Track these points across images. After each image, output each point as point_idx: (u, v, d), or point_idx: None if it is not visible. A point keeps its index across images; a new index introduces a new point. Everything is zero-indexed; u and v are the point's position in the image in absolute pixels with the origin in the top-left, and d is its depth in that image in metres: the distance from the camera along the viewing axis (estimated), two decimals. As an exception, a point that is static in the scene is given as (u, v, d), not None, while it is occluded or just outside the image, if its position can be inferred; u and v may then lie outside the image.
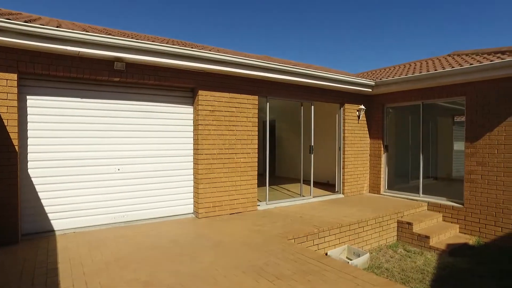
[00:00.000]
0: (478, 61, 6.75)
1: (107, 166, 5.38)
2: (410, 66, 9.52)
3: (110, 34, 4.99)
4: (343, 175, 8.35)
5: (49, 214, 4.90)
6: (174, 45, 5.43)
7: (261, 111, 7.17)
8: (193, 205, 6.19)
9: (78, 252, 4.09)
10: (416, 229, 6.41)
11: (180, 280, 3.36)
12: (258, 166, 6.82)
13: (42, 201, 4.85)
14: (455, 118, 11.11)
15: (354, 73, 10.95)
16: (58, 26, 4.58)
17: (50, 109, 4.90)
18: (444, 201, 7.32)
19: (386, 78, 8.07)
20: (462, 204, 6.90)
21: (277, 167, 13.10)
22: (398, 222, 6.62)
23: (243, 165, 6.46)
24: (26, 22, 4.22)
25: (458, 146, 9.93)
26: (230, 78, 6.27)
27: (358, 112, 8.54)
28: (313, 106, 7.84)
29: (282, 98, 7.24)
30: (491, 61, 6.26)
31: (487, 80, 6.46)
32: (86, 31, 4.67)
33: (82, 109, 5.15)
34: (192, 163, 6.18)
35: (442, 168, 11.12)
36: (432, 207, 7.39)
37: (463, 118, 7.04)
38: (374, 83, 8.18)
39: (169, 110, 5.96)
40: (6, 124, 4.35)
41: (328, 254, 5.26)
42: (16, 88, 4.43)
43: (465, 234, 6.74)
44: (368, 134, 8.89)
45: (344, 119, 8.33)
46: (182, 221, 5.80)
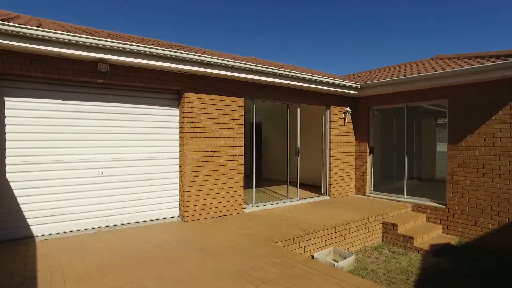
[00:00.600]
0: (459, 65, 6.89)
1: (90, 170, 5.26)
2: (395, 69, 9.67)
3: (93, 35, 4.89)
4: (330, 177, 8.40)
5: (28, 220, 4.75)
6: (159, 46, 5.36)
7: (248, 113, 7.15)
8: (178, 208, 6.11)
9: (58, 259, 3.98)
10: (400, 230, 6.49)
11: (164, 286, 3.30)
12: (245, 167, 6.79)
13: (21, 206, 4.70)
14: (438, 120, 11.35)
15: (340, 75, 11.05)
16: (38, 26, 4.46)
17: (29, 111, 4.76)
18: (427, 202, 7.44)
19: (372, 81, 8.16)
20: (445, 205, 7.04)
21: (263, 169, 13.09)
22: (383, 223, 6.69)
23: (229, 167, 6.42)
24: (3, 20, 4.08)
25: (441, 147, 10.15)
26: (217, 80, 6.23)
27: (344, 114, 8.61)
28: (299, 108, 7.87)
29: (269, 100, 7.23)
30: (471, 65, 6.41)
31: (468, 83, 6.60)
32: (68, 31, 4.55)
33: (63, 111, 5.02)
34: (177, 166, 6.11)
35: (425, 169, 11.31)
36: (416, 208, 7.51)
37: (446, 120, 7.18)
38: (359, 86, 8.27)
39: (154, 113, 5.88)
40: (-17, 127, 4.21)
41: (314, 256, 5.28)
42: (-7, 89, 4.29)
43: (447, 234, 6.87)
44: (354, 136, 8.97)
45: (330, 121, 8.39)
46: (167, 224, 5.72)
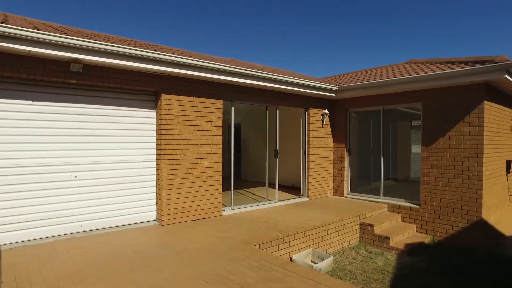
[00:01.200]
0: (432, 70, 7.12)
1: (63, 173, 5.07)
2: (372, 72, 9.88)
3: (66, 33, 4.71)
4: (308, 179, 8.47)
5: (-5, 226, 4.53)
6: (135, 47, 5.24)
7: (227, 114, 7.11)
8: (156, 212, 6.00)
9: (26, 268, 3.80)
10: (377, 230, 6.62)
11: (139, 293, 3.22)
12: (223, 169, 6.74)
13: (-13, 212, 4.47)
14: (413, 122, 11.70)
15: (318, 77, 11.18)
16: (3, 22, 4.25)
17: (-4, 112, 4.54)
18: (403, 202, 7.64)
19: (349, 84, 8.30)
20: (419, 205, 7.24)
21: (242, 171, 13.07)
22: (361, 224, 6.81)
23: (208, 170, 6.36)
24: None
25: (415, 148, 10.46)
26: (195, 82, 6.16)
27: (322, 116, 8.72)
28: (278, 110, 7.90)
29: (247, 102, 7.22)
30: (443, 70, 6.63)
31: (440, 88, 6.83)
32: (38, 29, 4.37)
33: (33, 112, 4.82)
34: (155, 169, 5.99)
35: (401, 170, 11.63)
36: (392, 208, 7.69)
37: (420, 122, 7.40)
38: (337, 88, 8.39)
39: (130, 114, 5.74)
40: None
41: (293, 258, 5.30)
42: (-44, 89, 4.06)
43: (421, 233, 7.07)
44: (332, 138, 9.09)
45: (308, 123, 8.47)
46: (144, 229, 5.59)
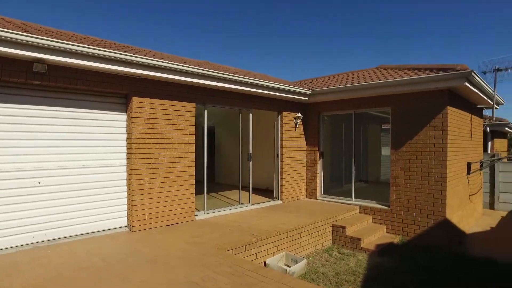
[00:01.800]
0: (400, 75, 7.38)
1: (25, 179, 4.81)
2: (343, 76, 10.11)
3: (28, 31, 4.49)
4: (281, 182, 8.53)
5: (-51, 237, 4.22)
6: (106, 47, 5.08)
7: (200, 117, 7.03)
8: (126, 218, 5.82)
9: (-16, 281, 3.57)
10: (349, 232, 6.76)
11: (107, 305, 3.09)
12: (197, 173, 6.66)
13: None
14: (383, 126, 12.07)
15: (291, 81, 11.31)
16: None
17: (-49, 115, 4.24)
18: (373, 204, 7.84)
19: (322, 88, 8.45)
20: (389, 206, 7.46)
21: (216, 174, 12.97)
22: (333, 226, 6.93)
23: (180, 174, 6.25)
24: None
25: (385, 151, 10.79)
26: (167, 85, 6.05)
27: (295, 120, 8.81)
28: (251, 114, 7.91)
29: (221, 105, 7.18)
30: (410, 76, 6.89)
31: (407, 93, 7.09)
32: (-2, 28, 4.13)
33: (-7, 115, 4.55)
34: (125, 174, 5.82)
35: (372, 172, 11.94)
36: (363, 210, 7.88)
37: (389, 126, 7.64)
38: (310, 92, 8.52)
39: (99, 117, 5.55)
40: None
41: (266, 262, 5.30)
42: None
43: (391, 234, 7.29)
44: (305, 141, 9.21)
45: (282, 127, 8.53)
46: (114, 236, 5.41)
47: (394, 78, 7.10)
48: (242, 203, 7.86)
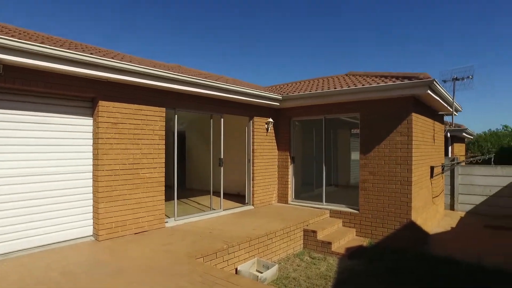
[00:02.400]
0: (368, 82, 7.62)
1: (-22, 188, 4.48)
2: (314, 82, 10.29)
3: (-17, 32, 4.21)
4: (253, 187, 8.51)
5: None
6: (70, 48, 4.86)
7: (171, 121, 6.89)
8: (92, 226, 5.56)
9: None
10: (320, 236, 6.84)
11: (69, 321, 2.92)
12: (167, 178, 6.51)
13: None
14: (352, 131, 12.41)
15: (263, 85, 11.36)
16: None
17: None
18: (343, 208, 8.00)
19: (293, 93, 8.55)
20: (358, 210, 7.64)
21: (187, 179, 12.76)
22: (304, 231, 6.99)
23: (149, 180, 6.08)
24: None
25: (355, 155, 11.08)
26: (136, 89, 5.88)
27: (266, 125, 8.85)
28: (223, 119, 7.85)
29: (191, 110, 7.08)
30: (377, 83, 7.13)
31: (375, 99, 7.32)
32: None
33: None
34: (91, 180, 5.57)
35: (342, 176, 12.23)
36: (333, 214, 8.01)
37: (358, 131, 7.84)
38: (281, 98, 8.59)
39: (63, 122, 5.28)
40: None
41: (238, 269, 5.25)
42: None
43: (360, 237, 7.45)
44: (276, 146, 9.26)
45: (253, 132, 8.53)
46: (78, 246, 5.14)
47: (363, 85, 7.31)
48: (213, 209, 7.76)
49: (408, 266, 5.88)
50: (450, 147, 15.10)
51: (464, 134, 16.38)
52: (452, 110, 9.43)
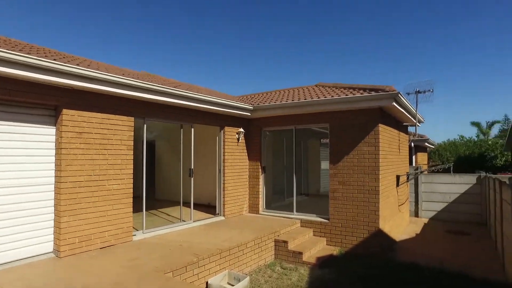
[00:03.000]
0: (337, 94, 7.82)
1: None
2: (285, 92, 10.42)
3: None
4: (224, 197, 8.42)
5: None
6: (31, 53, 4.62)
7: (140, 130, 6.70)
8: (53, 242, 5.25)
9: None
10: (291, 246, 6.86)
11: None
12: (135, 189, 6.29)
13: None
14: (322, 140, 12.67)
15: (234, 95, 11.38)
16: None
17: None
18: (314, 217, 8.09)
19: (263, 104, 8.61)
20: (328, 219, 7.75)
21: (156, 189, 12.43)
22: (275, 241, 6.98)
23: (116, 192, 5.85)
24: None
25: (325, 165, 11.30)
26: (103, 97, 5.68)
27: (237, 135, 8.83)
28: (193, 129, 7.75)
29: (161, 120, 6.94)
30: (346, 95, 7.35)
31: (344, 110, 7.53)
32: None
33: None
34: (53, 193, 5.27)
35: (312, 185, 12.41)
36: (304, 224, 8.07)
37: (328, 140, 8.00)
38: (252, 108, 8.63)
39: (22, 131, 4.98)
40: None
41: (209, 283, 5.13)
42: None
43: (331, 246, 7.55)
44: (247, 156, 9.25)
45: (224, 142, 8.48)
46: (38, 264, 4.82)
47: (332, 96, 7.50)
48: (184, 220, 7.58)
49: (377, 273, 6.01)
50: (414, 156, 15.79)
51: (426, 144, 17.22)
52: (415, 121, 9.88)
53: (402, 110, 7.77)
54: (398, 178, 9.07)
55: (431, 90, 15.87)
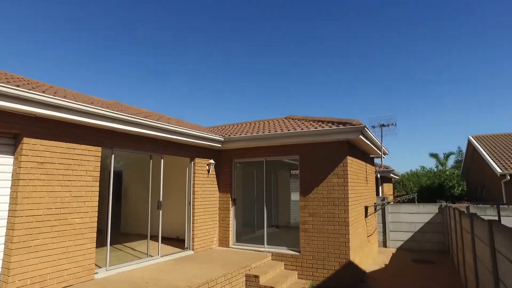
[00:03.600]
0: (306, 126, 8.03)
1: None
2: (256, 124, 10.56)
3: None
4: (193, 230, 8.15)
5: None
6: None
7: (107, 159, 6.44)
8: None
9: None
10: (262, 281, 6.67)
11: None
12: (100, 221, 5.95)
13: None
14: (292, 172, 12.79)
15: (205, 126, 11.37)
16: None
17: None
18: (285, 250, 7.98)
19: (234, 135, 8.65)
20: (299, 252, 7.68)
21: (122, 222, 11.80)
22: (246, 276, 6.77)
23: (79, 226, 5.50)
24: None
25: (295, 196, 11.33)
26: (69, 126, 5.47)
27: (208, 166, 8.73)
28: (163, 159, 7.59)
29: (130, 150, 6.74)
30: (315, 128, 7.57)
31: (313, 143, 7.71)
32: None
33: None
34: (4, 229, 4.86)
35: (282, 217, 12.33)
36: (275, 257, 7.93)
37: (298, 172, 8.09)
38: (223, 139, 8.63)
39: (-25, 161, 4.64)
40: None
41: (176, 323, 4.83)
42: None
43: (302, 279, 7.42)
44: (217, 188, 9.12)
45: (194, 173, 8.34)
46: (-19, 309, 4.34)
47: (301, 129, 7.69)
48: (151, 255, 7.21)
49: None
50: (380, 187, 16.29)
51: (391, 174, 17.90)
52: (381, 153, 10.29)
53: (369, 143, 8.08)
54: (366, 209, 9.26)
55: (394, 124, 16.76)
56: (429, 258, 9.99)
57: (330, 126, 7.45)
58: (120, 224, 11.71)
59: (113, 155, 6.40)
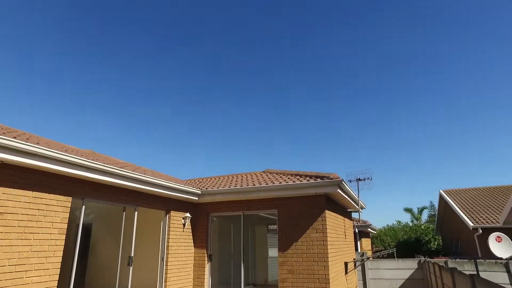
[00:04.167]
0: (284, 180, 8.04)
1: None
2: (233, 178, 10.47)
3: None
4: (165, 289, 7.57)
5: None
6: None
7: (76, 210, 6.08)
8: None
9: None
10: None
11: None
12: (62, 279, 5.42)
13: None
14: (269, 227, 12.51)
15: (182, 179, 11.17)
16: None
17: None
18: (262, 311, 7.49)
19: (211, 188, 8.49)
20: (278, 312, 7.21)
21: (88, 280, 10.85)
22: None
23: (36, 286, 4.98)
24: None
25: (272, 252, 10.95)
26: (38, 174, 5.20)
27: (183, 220, 8.40)
28: (136, 212, 7.27)
29: (103, 201, 6.44)
30: (293, 181, 7.58)
31: (292, 197, 7.66)
32: None
33: None
34: (-49, 289, 4.34)
35: (260, 274, 11.78)
36: (252, 319, 7.39)
37: (276, 226, 7.90)
38: (200, 192, 8.44)
39: None
40: None
41: None
42: None
43: None
44: (193, 243, 8.70)
45: (169, 227, 7.97)
46: None
47: (280, 183, 7.67)
48: (115, 320, 6.55)
49: None
50: (358, 242, 16.09)
51: (369, 229, 17.85)
52: (358, 207, 10.33)
53: (346, 197, 8.12)
54: (346, 265, 9.01)
55: (370, 178, 17.08)
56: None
57: (308, 180, 7.49)
58: (85, 282, 10.77)
59: (83, 206, 6.07)
